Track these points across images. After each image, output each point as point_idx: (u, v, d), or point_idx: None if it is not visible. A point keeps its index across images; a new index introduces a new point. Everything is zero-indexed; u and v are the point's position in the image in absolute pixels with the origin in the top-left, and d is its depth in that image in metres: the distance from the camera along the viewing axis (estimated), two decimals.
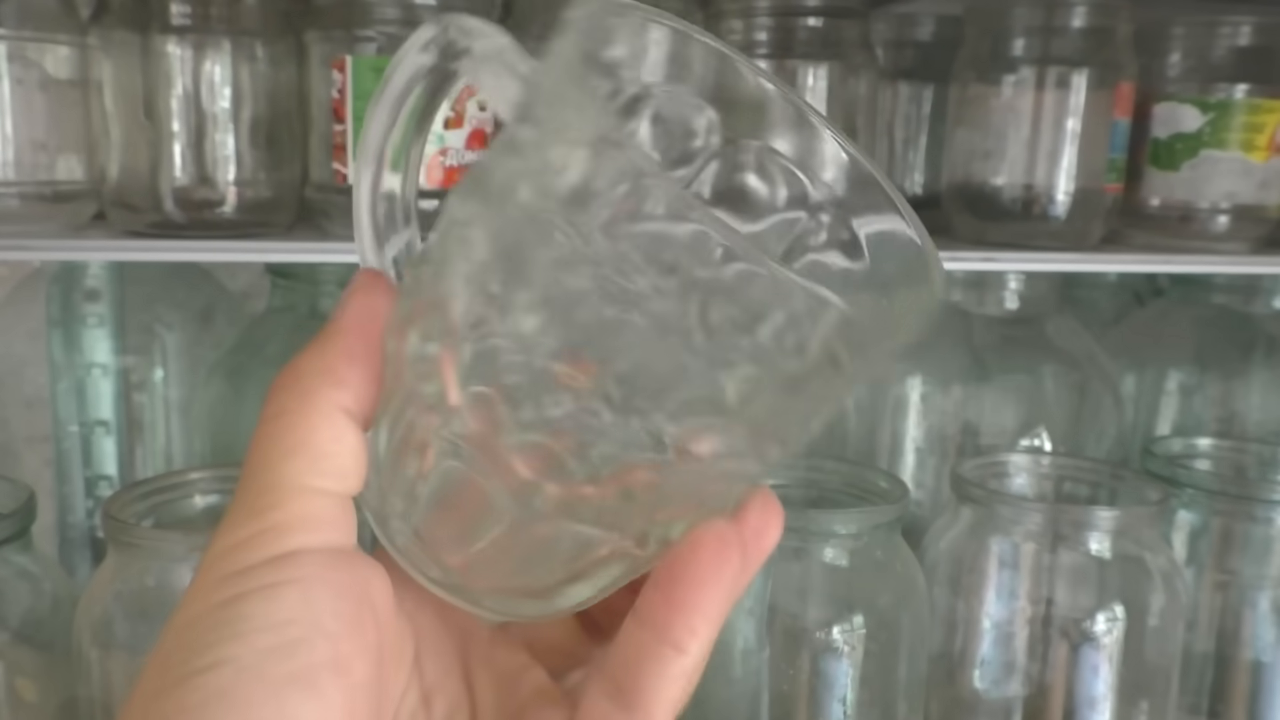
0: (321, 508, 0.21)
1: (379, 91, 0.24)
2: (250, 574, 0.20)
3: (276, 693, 0.19)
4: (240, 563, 0.20)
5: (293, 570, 0.20)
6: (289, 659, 0.19)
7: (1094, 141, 0.58)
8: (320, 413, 0.21)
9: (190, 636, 0.20)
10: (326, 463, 0.21)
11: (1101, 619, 0.53)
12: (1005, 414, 0.67)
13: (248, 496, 0.21)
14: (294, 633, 0.19)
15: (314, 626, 0.20)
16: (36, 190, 0.52)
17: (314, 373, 0.21)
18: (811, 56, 0.57)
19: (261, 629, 0.19)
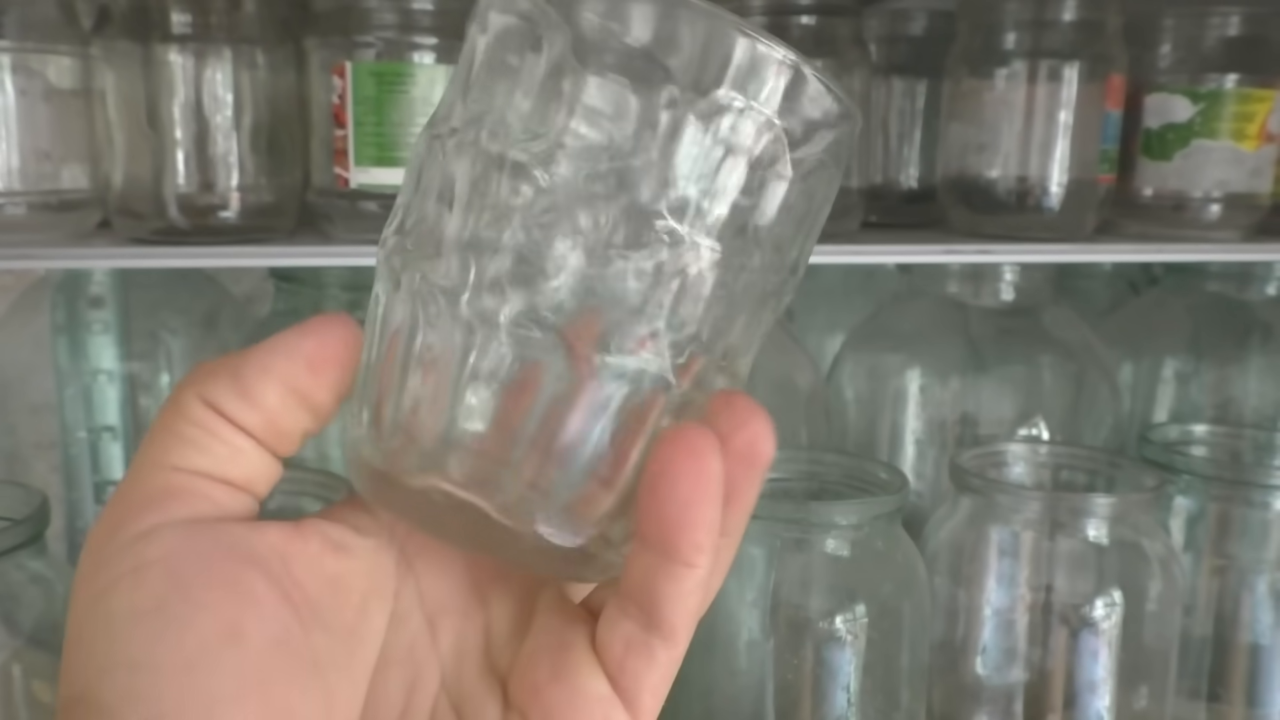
0: (180, 484, 0.21)
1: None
2: (112, 562, 0.20)
3: (177, 680, 0.19)
4: (102, 552, 0.20)
5: (152, 549, 0.20)
6: (174, 644, 0.19)
7: (1086, 133, 0.59)
8: (185, 403, 0.21)
9: (81, 639, 0.20)
10: (187, 447, 0.21)
11: (1100, 604, 0.54)
12: (1003, 405, 0.68)
13: (118, 487, 0.21)
14: (166, 616, 0.19)
15: (185, 601, 0.19)
16: (42, 199, 0.53)
17: (195, 374, 0.22)
18: (805, 54, 0.57)
19: (131, 621, 0.19)
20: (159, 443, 0.21)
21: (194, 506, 0.21)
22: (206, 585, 0.20)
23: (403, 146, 0.51)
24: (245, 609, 0.20)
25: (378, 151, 0.51)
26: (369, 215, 0.52)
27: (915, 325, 0.70)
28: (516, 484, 0.21)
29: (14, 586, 0.46)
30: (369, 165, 0.51)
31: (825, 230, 0.63)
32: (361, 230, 0.53)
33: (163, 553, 0.20)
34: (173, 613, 0.19)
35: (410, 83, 0.51)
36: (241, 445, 0.22)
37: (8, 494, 0.48)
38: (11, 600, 0.46)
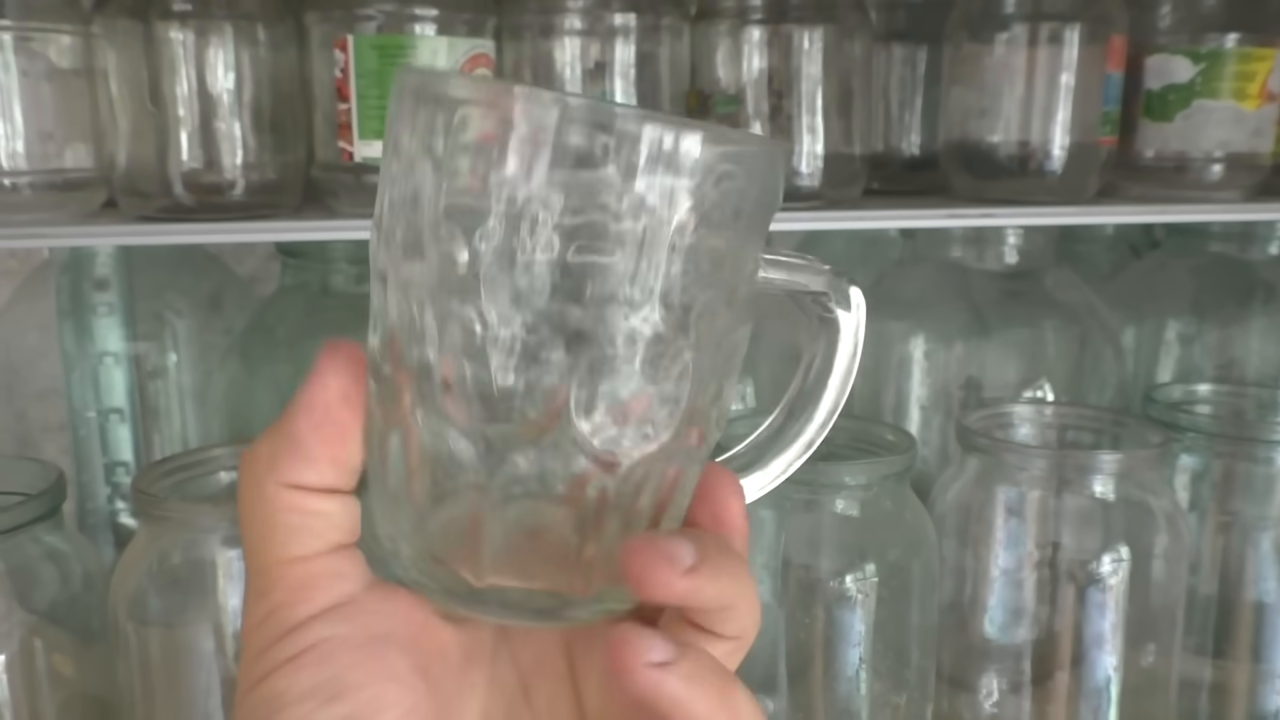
0: (314, 571, 0.23)
1: None
2: (270, 652, 0.23)
3: None
4: (260, 644, 0.23)
5: (305, 638, 0.23)
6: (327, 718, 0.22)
7: (1087, 95, 0.59)
8: (271, 498, 0.23)
9: (244, 712, 0.23)
10: (301, 532, 0.23)
11: (1107, 560, 0.54)
12: (1007, 368, 0.68)
13: (251, 580, 0.24)
14: (322, 696, 0.22)
15: (338, 684, 0.22)
16: (47, 179, 0.53)
17: (263, 458, 0.23)
18: (806, 21, 0.57)
19: (294, 701, 0.22)
20: (273, 541, 0.23)
21: (328, 591, 0.23)
22: (353, 665, 0.23)
23: None
24: (386, 684, 0.23)
25: (381, 125, 0.51)
26: (373, 189, 0.52)
27: (919, 291, 0.70)
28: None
29: (31, 561, 0.46)
30: (373, 138, 0.52)
31: (828, 197, 0.63)
32: (366, 204, 0.53)
33: (314, 640, 0.23)
34: (328, 692, 0.22)
35: (412, 54, 0.51)
36: (330, 507, 0.24)
37: (24, 470, 0.48)
38: (29, 574, 0.46)
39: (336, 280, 0.61)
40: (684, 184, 0.21)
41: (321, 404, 0.23)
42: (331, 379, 0.24)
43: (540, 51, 0.55)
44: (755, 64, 0.57)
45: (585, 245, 0.21)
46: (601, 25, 0.55)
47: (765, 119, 0.58)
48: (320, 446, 0.23)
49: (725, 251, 0.23)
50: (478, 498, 0.23)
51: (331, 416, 0.23)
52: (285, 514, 0.23)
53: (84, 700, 0.48)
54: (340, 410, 0.23)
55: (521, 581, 0.24)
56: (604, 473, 0.23)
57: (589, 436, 0.22)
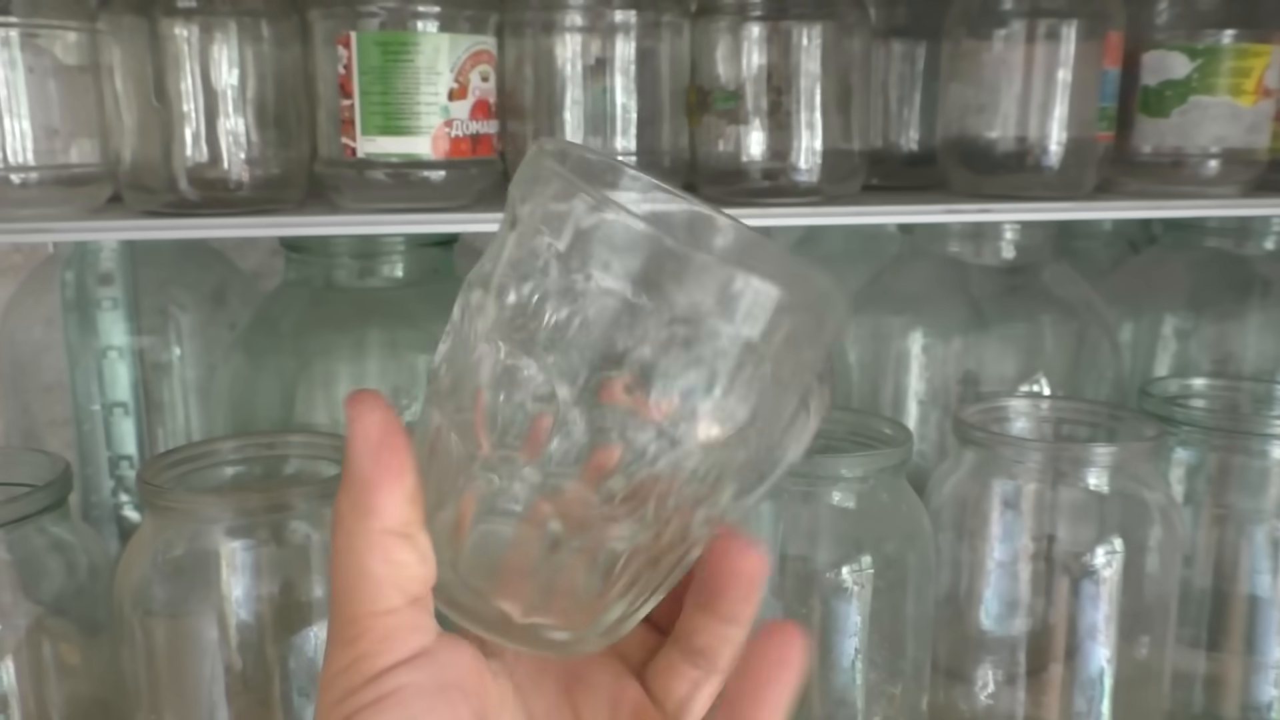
0: (397, 624, 0.25)
1: None
2: (355, 696, 0.25)
3: None
4: (345, 687, 0.25)
5: (387, 685, 0.25)
6: None
7: (1085, 91, 0.59)
8: (365, 544, 0.25)
9: None
10: (386, 585, 0.25)
11: (1101, 553, 0.55)
12: (1005, 363, 0.69)
13: (338, 628, 0.25)
14: None
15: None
16: (53, 174, 0.54)
17: (348, 511, 0.25)
18: (805, 18, 0.58)
19: None
20: (362, 592, 0.25)
21: (407, 643, 0.26)
22: (428, 710, 0.25)
23: (408, 115, 0.52)
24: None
25: (384, 120, 0.52)
26: (376, 184, 0.53)
27: (917, 286, 0.70)
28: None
29: (38, 551, 0.47)
30: (375, 134, 0.52)
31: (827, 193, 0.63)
32: (369, 199, 0.54)
33: (394, 687, 0.25)
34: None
35: (415, 51, 0.51)
36: (410, 557, 0.26)
37: (30, 461, 0.49)
38: (36, 565, 0.47)
39: (339, 274, 0.61)
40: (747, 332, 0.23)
41: (370, 438, 0.25)
42: (368, 414, 0.25)
43: (541, 48, 0.56)
44: (755, 60, 0.58)
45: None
46: (602, 22, 0.56)
47: (764, 115, 0.58)
48: (389, 479, 0.25)
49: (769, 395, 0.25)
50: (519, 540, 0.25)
51: (385, 444, 0.25)
52: (375, 563, 0.25)
53: (90, 690, 0.49)
54: (389, 436, 0.25)
55: (552, 620, 0.26)
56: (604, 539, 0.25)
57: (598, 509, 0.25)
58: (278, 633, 0.46)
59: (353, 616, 0.25)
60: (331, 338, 0.60)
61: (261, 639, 0.46)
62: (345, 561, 0.25)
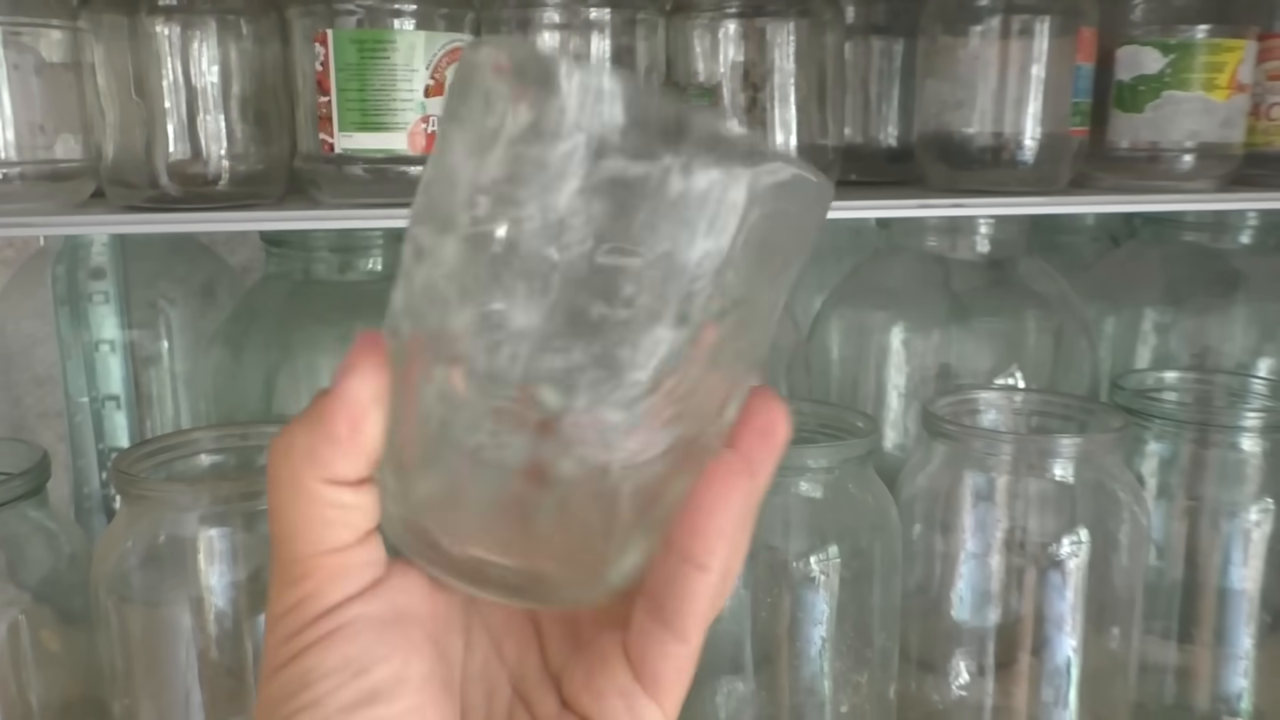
0: (347, 561, 0.25)
1: None
2: (302, 634, 0.24)
3: (353, 716, 0.24)
4: (292, 627, 0.24)
5: (336, 619, 0.24)
6: (353, 689, 0.24)
7: (1059, 87, 0.60)
8: (311, 493, 0.24)
9: (271, 693, 0.24)
10: (336, 526, 0.24)
11: (1067, 543, 0.55)
12: (983, 357, 0.69)
13: (281, 567, 0.25)
14: (351, 669, 0.24)
15: (367, 658, 0.24)
16: (36, 170, 0.54)
17: (300, 453, 0.24)
18: (780, 14, 0.58)
19: (324, 676, 0.24)
20: (309, 533, 0.24)
21: (359, 577, 0.25)
22: (379, 640, 0.24)
23: (385, 111, 0.53)
24: (408, 654, 0.25)
25: (361, 117, 0.53)
26: (354, 179, 0.54)
27: (896, 280, 0.71)
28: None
29: (18, 538, 0.48)
30: (353, 131, 0.53)
31: None
32: (347, 194, 0.54)
33: (344, 621, 0.24)
34: (356, 666, 0.24)
35: (391, 49, 0.52)
36: (362, 500, 0.25)
37: (10, 451, 0.50)
38: (16, 551, 0.48)
39: (319, 268, 0.62)
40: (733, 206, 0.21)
41: (359, 403, 0.24)
42: (369, 376, 0.24)
43: None
44: (730, 57, 0.58)
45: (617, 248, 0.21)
46: (578, 19, 0.57)
47: (741, 111, 0.59)
48: (357, 443, 0.24)
49: (755, 276, 0.23)
50: (468, 471, 0.23)
51: (368, 415, 0.24)
52: (323, 508, 0.24)
53: (69, 676, 0.50)
54: (376, 409, 0.24)
55: (499, 557, 0.24)
56: (596, 470, 0.23)
57: (586, 431, 0.22)
58: (252, 619, 0.47)
59: (298, 556, 0.24)
60: (312, 330, 0.61)
61: (237, 625, 0.47)
62: (292, 505, 0.24)
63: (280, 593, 0.25)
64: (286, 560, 0.24)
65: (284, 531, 0.24)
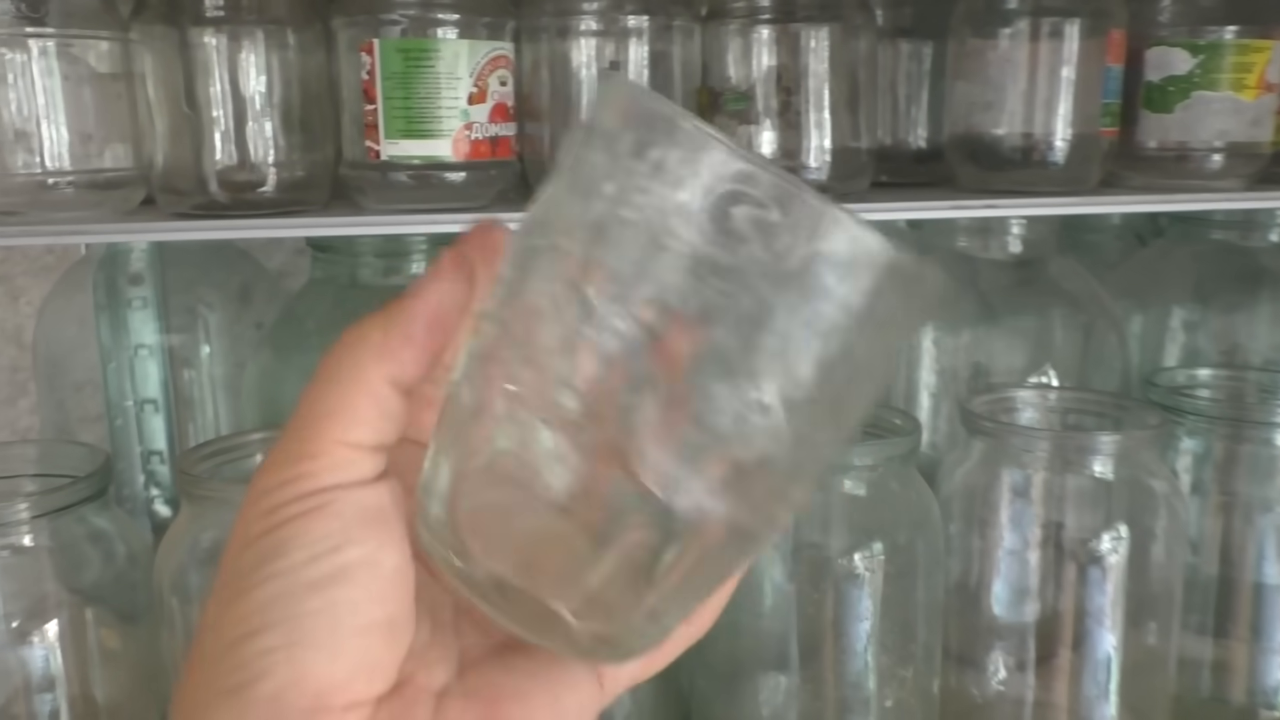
0: (353, 458, 0.24)
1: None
2: (289, 506, 0.23)
3: (319, 590, 0.23)
4: (279, 499, 0.23)
5: (326, 498, 0.23)
6: (326, 563, 0.23)
7: (1088, 88, 0.61)
8: (368, 384, 0.24)
9: (241, 563, 0.23)
10: (364, 427, 0.24)
11: (1106, 539, 0.56)
12: (1014, 355, 0.70)
13: (290, 444, 0.24)
14: (328, 544, 0.23)
15: (344, 536, 0.23)
16: (88, 178, 0.56)
17: (370, 346, 0.24)
18: (813, 20, 0.59)
19: (300, 546, 0.23)
20: (341, 420, 0.24)
21: (358, 471, 0.24)
22: (363, 524, 0.24)
23: (430, 119, 0.54)
24: (386, 545, 0.24)
25: (406, 124, 0.54)
26: (399, 186, 0.55)
27: None
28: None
29: (79, 540, 0.49)
30: (398, 138, 0.54)
31: (836, 190, 0.65)
32: (392, 200, 0.55)
33: (331, 500, 0.23)
34: (334, 541, 0.23)
35: (436, 58, 0.53)
36: (401, 409, 0.24)
37: (71, 453, 0.51)
38: (77, 553, 0.49)
39: (364, 273, 0.63)
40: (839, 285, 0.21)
41: (442, 308, 0.23)
42: (456, 288, 0.24)
43: (557, 52, 0.58)
44: (764, 62, 0.59)
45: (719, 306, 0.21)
46: (616, 26, 0.57)
47: (774, 115, 0.60)
48: (428, 348, 0.23)
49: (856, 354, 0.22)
50: (518, 490, 0.23)
51: (446, 324, 0.23)
52: (371, 404, 0.23)
53: (130, 673, 0.51)
54: (455, 319, 0.24)
55: (524, 583, 0.24)
56: (647, 520, 0.22)
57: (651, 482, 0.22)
58: None
59: (320, 438, 0.23)
60: None
61: None
62: (340, 389, 0.23)
63: (278, 468, 0.24)
64: (303, 438, 0.24)
65: (316, 412, 0.24)
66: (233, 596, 0.23)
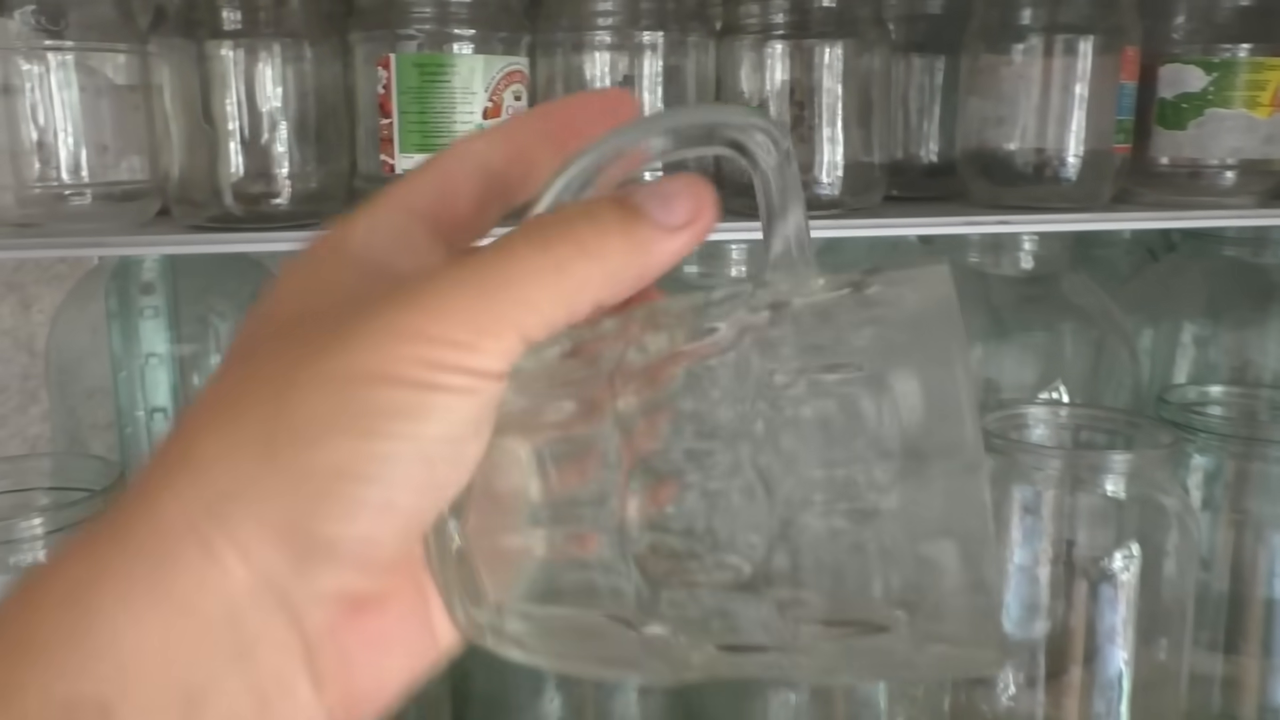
0: (516, 355, 0.22)
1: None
2: (449, 375, 0.21)
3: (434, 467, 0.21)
4: (442, 359, 0.21)
5: (481, 384, 0.21)
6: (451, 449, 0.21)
7: (1102, 105, 0.61)
8: (580, 299, 0.22)
9: (355, 389, 0.21)
10: (546, 331, 0.22)
11: (1118, 557, 0.56)
12: (1025, 371, 0.70)
13: (474, 306, 0.21)
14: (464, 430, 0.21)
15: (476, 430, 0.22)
16: (104, 190, 0.56)
17: (601, 263, 0.22)
18: (827, 35, 0.59)
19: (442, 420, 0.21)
20: (535, 314, 0.22)
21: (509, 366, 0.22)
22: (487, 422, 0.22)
23: (445, 133, 0.54)
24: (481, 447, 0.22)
25: (421, 139, 0.54)
26: None
27: None
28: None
29: None
30: (413, 151, 0.54)
31: (849, 205, 0.65)
32: None
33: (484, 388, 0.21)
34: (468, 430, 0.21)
35: (451, 72, 0.53)
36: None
37: (84, 467, 0.51)
38: None
39: None
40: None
41: (658, 266, 0.22)
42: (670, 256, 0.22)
43: (571, 66, 0.58)
44: (777, 77, 0.60)
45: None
46: (630, 41, 0.58)
47: (787, 130, 0.60)
48: (640, 293, 0.22)
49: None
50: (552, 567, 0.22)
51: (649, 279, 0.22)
52: (565, 314, 0.22)
53: None
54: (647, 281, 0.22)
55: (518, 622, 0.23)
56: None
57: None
58: None
59: (502, 315, 0.21)
60: None
61: None
62: (542, 279, 0.21)
63: (453, 324, 0.21)
64: (492, 312, 0.21)
65: (516, 293, 0.21)
66: (330, 416, 0.20)
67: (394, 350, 0.20)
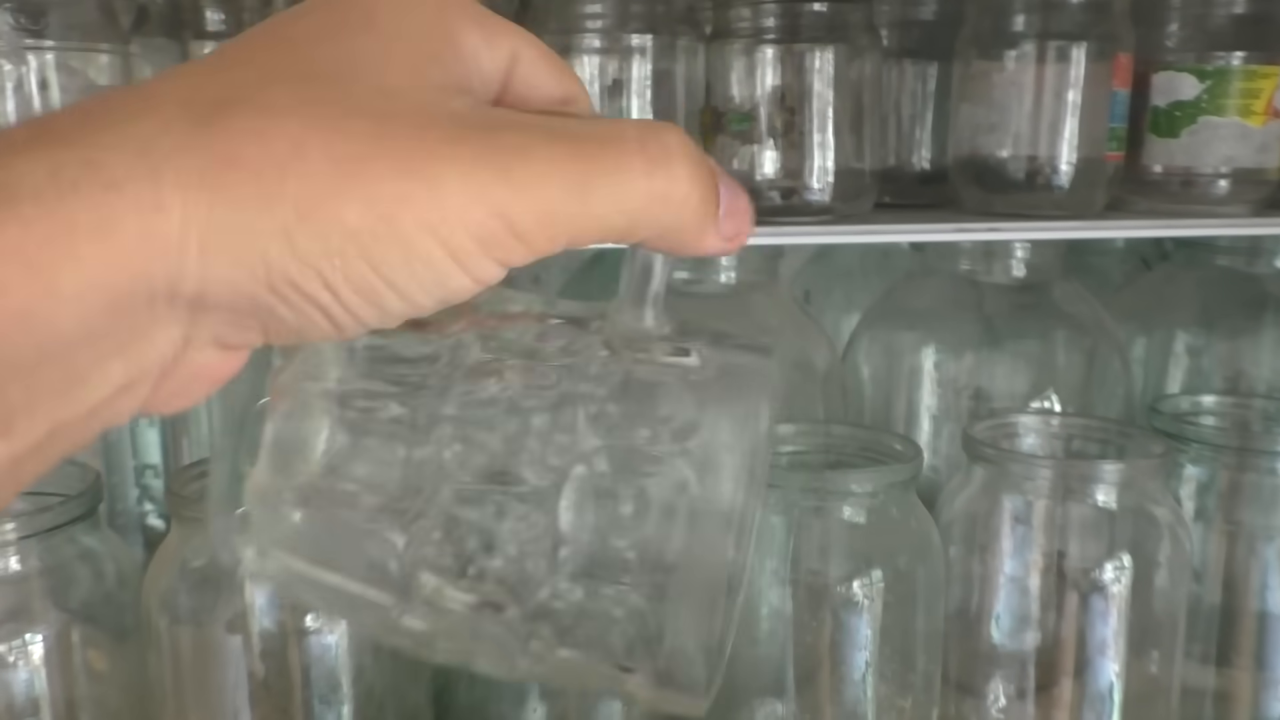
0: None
1: None
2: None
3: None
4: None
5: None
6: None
7: (1095, 112, 0.60)
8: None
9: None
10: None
11: (1109, 568, 0.55)
12: (1016, 380, 0.69)
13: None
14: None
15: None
16: None
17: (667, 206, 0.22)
18: (817, 40, 0.59)
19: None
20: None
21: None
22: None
23: None
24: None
25: None
26: None
27: (929, 303, 0.71)
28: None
29: (67, 560, 0.48)
30: None
31: (839, 212, 0.64)
32: None
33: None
34: None
35: None
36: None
37: (60, 471, 0.50)
38: (66, 573, 0.48)
39: None
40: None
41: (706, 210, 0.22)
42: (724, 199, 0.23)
43: None
44: (768, 82, 0.59)
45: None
46: (619, 45, 0.57)
47: (778, 135, 0.59)
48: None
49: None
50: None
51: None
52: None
53: (117, 695, 0.50)
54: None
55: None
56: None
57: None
58: (300, 641, 0.47)
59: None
60: None
61: (284, 647, 0.47)
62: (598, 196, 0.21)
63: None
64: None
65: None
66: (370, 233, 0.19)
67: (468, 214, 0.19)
